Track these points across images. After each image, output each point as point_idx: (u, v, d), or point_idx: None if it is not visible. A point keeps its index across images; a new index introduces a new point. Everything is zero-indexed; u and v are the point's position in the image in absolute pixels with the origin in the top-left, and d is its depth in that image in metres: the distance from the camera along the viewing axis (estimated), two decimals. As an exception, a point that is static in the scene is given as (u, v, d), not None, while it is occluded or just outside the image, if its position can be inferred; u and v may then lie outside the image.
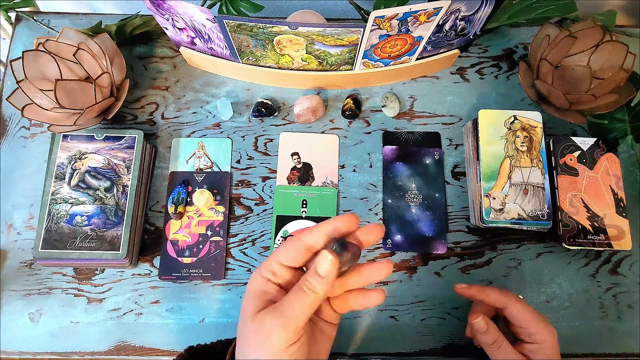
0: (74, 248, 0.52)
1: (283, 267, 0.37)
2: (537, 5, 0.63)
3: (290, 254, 0.37)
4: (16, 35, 0.66)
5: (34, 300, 0.55)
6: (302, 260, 0.37)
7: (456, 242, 0.59)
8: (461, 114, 0.64)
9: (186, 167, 0.60)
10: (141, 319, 0.55)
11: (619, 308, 0.57)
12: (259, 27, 0.52)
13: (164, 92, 0.64)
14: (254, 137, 0.62)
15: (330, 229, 0.37)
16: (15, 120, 0.62)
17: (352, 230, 0.38)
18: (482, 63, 0.67)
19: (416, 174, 0.61)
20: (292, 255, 0.37)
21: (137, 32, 0.64)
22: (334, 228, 0.37)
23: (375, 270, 0.38)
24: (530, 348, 0.46)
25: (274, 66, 0.61)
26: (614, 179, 0.56)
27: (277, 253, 0.38)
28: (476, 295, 0.49)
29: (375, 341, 0.55)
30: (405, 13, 0.49)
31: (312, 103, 0.61)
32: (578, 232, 0.54)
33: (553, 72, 0.56)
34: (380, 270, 0.38)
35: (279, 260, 0.37)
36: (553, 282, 0.57)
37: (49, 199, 0.53)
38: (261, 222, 0.59)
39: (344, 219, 0.37)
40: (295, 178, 0.61)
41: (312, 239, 0.37)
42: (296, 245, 0.37)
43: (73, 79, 0.57)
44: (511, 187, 0.55)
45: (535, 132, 0.56)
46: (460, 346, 0.55)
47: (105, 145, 0.56)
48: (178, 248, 0.57)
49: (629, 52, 0.55)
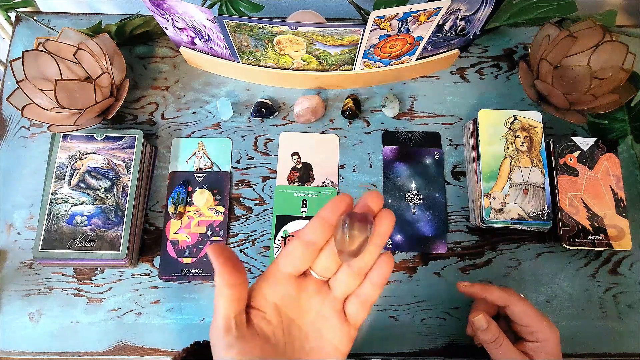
0: (74, 248, 0.52)
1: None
2: (537, 5, 0.63)
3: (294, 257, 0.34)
4: (16, 35, 0.66)
5: (34, 300, 0.55)
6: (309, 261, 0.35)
7: (456, 242, 0.59)
8: (461, 114, 0.64)
9: (186, 167, 0.60)
10: (141, 319, 0.55)
11: (619, 308, 0.57)
12: (259, 27, 0.52)
13: (164, 92, 0.64)
14: (254, 137, 0.62)
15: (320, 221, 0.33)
16: (15, 120, 0.62)
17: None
18: (482, 63, 0.67)
19: (416, 174, 0.61)
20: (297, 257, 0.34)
21: (137, 32, 0.64)
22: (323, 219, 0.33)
23: (377, 268, 0.35)
24: (532, 346, 0.46)
25: (274, 66, 0.61)
26: (614, 179, 0.56)
27: (278, 259, 0.35)
28: (479, 292, 0.49)
29: (375, 341, 0.55)
30: (405, 13, 0.49)
31: (312, 103, 0.61)
32: (578, 232, 0.54)
33: (553, 72, 0.56)
34: (382, 267, 0.35)
35: (281, 268, 0.34)
36: (553, 282, 0.57)
37: (49, 199, 0.53)
38: (261, 222, 0.59)
39: (333, 206, 0.34)
40: (295, 178, 0.61)
41: (311, 235, 0.34)
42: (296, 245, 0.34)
43: (73, 79, 0.57)
44: (511, 187, 0.55)
45: (535, 132, 0.56)
46: (460, 346, 0.55)
47: (105, 145, 0.56)
48: (178, 248, 0.57)
49: (629, 52, 0.55)
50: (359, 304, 0.35)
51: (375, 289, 0.35)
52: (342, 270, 0.35)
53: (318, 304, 0.35)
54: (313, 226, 0.34)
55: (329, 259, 0.35)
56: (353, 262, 0.34)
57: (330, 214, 0.33)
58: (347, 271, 0.35)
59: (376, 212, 0.34)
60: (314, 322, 0.35)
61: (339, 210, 0.33)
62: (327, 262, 0.35)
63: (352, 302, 0.35)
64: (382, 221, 0.34)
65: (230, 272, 0.32)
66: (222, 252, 0.32)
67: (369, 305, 0.36)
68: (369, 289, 0.35)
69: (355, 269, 0.35)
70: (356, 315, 0.35)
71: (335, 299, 0.36)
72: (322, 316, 0.35)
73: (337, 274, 0.35)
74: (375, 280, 0.35)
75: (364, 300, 0.35)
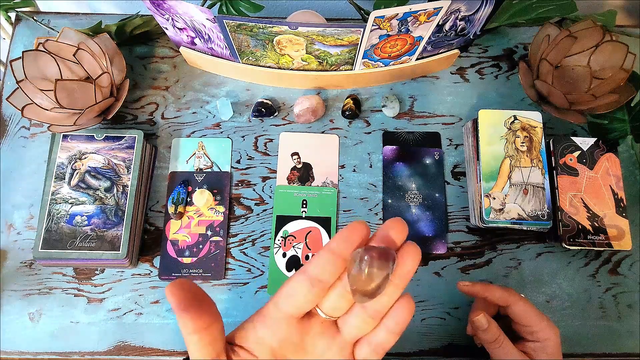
0: (74, 248, 0.52)
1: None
2: (537, 5, 0.63)
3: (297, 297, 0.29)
4: (16, 35, 0.66)
5: (34, 300, 0.55)
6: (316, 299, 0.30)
7: (456, 242, 0.59)
8: (461, 114, 0.64)
9: (186, 167, 0.60)
10: (141, 319, 0.55)
11: (619, 308, 0.57)
12: (259, 27, 0.52)
13: (164, 92, 0.64)
14: (254, 137, 0.62)
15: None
16: (15, 120, 0.62)
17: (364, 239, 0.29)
18: (482, 63, 0.67)
19: (416, 174, 0.61)
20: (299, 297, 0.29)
21: (137, 32, 0.64)
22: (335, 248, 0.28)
23: (394, 312, 0.30)
24: (533, 346, 0.46)
25: (274, 66, 0.61)
26: (614, 179, 0.56)
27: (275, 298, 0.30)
28: (479, 292, 0.49)
29: (375, 341, 0.55)
30: (405, 13, 0.49)
31: (312, 103, 0.61)
32: (578, 232, 0.54)
33: (553, 72, 0.56)
34: (401, 311, 0.30)
35: (280, 308, 0.30)
36: (553, 282, 0.57)
37: (49, 199, 0.53)
38: (261, 222, 0.59)
39: (347, 234, 0.28)
40: (295, 178, 0.61)
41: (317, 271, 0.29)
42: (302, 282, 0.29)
43: (73, 79, 0.57)
44: (511, 187, 0.55)
45: (535, 132, 0.56)
46: (460, 346, 0.55)
47: (105, 145, 0.56)
48: (178, 248, 0.57)
49: (629, 52, 0.55)
50: (372, 350, 0.30)
51: (391, 337, 0.30)
52: (355, 311, 0.30)
53: (323, 347, 0.31)
54: (321, 260, 0.28)
55: (340, 297, 0.30)
56: (368, 304, 0.29)
57: (342, 246, 0.28)
58: (360, 313, 0.30)
59: (399, 245, 0.29)
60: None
61: (353, 241, 0.28)
62: (337, 301, 0.30)
63: (363, 348, 0.31)
64: (406, 258, 0.29)
65: (193, 317, 0.27)
66: (179, 292, 0.27)
67: (382, 352, 0.31)
68: (384, 335, 0.30)
69: (370, 312, 0.30)
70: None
71: (344, 342, 0.31)
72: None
73: (348, 316, 0.30)
74: (391, 327, 0.30)
75: (376, 347, 0.30)
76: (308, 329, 0.31)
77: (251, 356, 0.30)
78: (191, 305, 0.27)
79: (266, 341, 0.30)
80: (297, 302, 0.29)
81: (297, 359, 0.30)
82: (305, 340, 0.31)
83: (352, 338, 0.31)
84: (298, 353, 0.30)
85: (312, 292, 0.29)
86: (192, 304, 0.27)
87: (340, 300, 0.30)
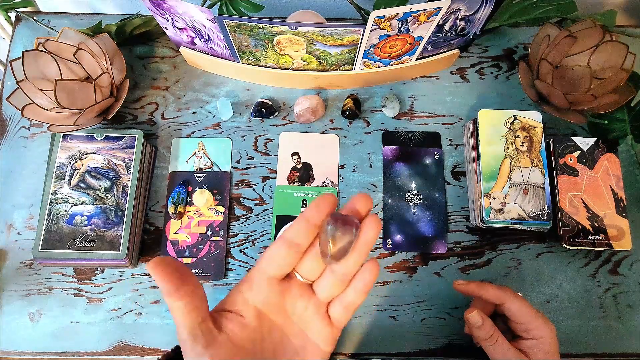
0: (74, 248, 0.52)
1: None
2: (537, 5, 0.63)
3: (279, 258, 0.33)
4: (16, 35, 0.66)
5: (34, 300, 0.55)
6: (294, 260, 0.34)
7: (456, 242, 0.59)
8: (461, 114, 0.64)
9: (186, 167, 0.60)
10: (141, 319, 0.55)
11: (619, 308, 0.57)
12: (259, 27, 0.52)
13: (164, 92, 0.64)
14: (254, 137, 0.62)
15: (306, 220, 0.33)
16: (15, 120, 0.62)
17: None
18: (482, 63, 0.67)
19: (416, 174, 0.61)
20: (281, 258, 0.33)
21: (137, 32, 0.64)
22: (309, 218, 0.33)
23: (360, 275, 0.34)
24: (529, 344, 0.46)
25: (274, 66, 0.61)
26: (614, 179, 0.56)
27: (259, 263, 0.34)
28: (475, 290, 0.49)
29: (375, 341, 0.55)
30: (405, 13, 0.49)
31: (312, 103, 0.61)
32: (578, 232, 0.54)
33: (553, 72, 0.56)
34: (366, 274, 0.34)
35: (264, 272, 0.34)
36: (553, 282, 0.57)
37: (49, 199, 0.53)
38: (261, 222, 0.59)
39: (316, 207, 0.32)
40: (295, 178, 0.61)
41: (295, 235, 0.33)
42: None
43: (73, 79, 0.57)
44: (511, 187, 0.55)
45: (535, 132, 0.57)
46: (460, 346, 0.55)
47: (105, 145, 0.56)
48: (178, 248, 0.57)
49: (629, 52, 0.55)
50: (343, 308, 0.35)
51: (359, 296, 0.34)
52: (326, 275, 0.35)
53: (301, 307, 0.35)
54: (297, 227, 0.33)
55: (314, 261, 0.34)
56: (336, 268, 0.34)
57: (314, 213, 0.32)
58: (330, 277, 0.34)
59: (363, 216, 0.33)
60: (297, 324, 0.35)
61: (322, 210, 0.32)
62: (312, 265, 0.34)
63: (335, 306, 0.35)
64: (368, 227, 0.32)
65: (175, 285, 0.30)
66: (159, 266, 0.30)
67: (352, 309, 0.35)
68: (353, 295, 0.34)
69: (339, 276, 0.34)
70: (340, 318, 0.35)
71: (319, 303, 0.35)
72: (305, 318, 0.35)
73: (321, 280, 0.35)
74: (359, 288, 0.34)
75: (347, 305, 0.35)
76: (288, 291, 0.35)
77: (239, 316, 0.33)
78: (173, 275, 0.31)
79: (251, 303, 0.34)
80: (277, 264, 0.33)
81: (278, 317, 0.34)
82: (285, 301, 0.35)
83: (326, 298, 0.35)
84: (280, 313, 0.35)
85: (289, 254, 0.33)
86: (174, 274, 0.31)
87: (314, 264, 0.34)
